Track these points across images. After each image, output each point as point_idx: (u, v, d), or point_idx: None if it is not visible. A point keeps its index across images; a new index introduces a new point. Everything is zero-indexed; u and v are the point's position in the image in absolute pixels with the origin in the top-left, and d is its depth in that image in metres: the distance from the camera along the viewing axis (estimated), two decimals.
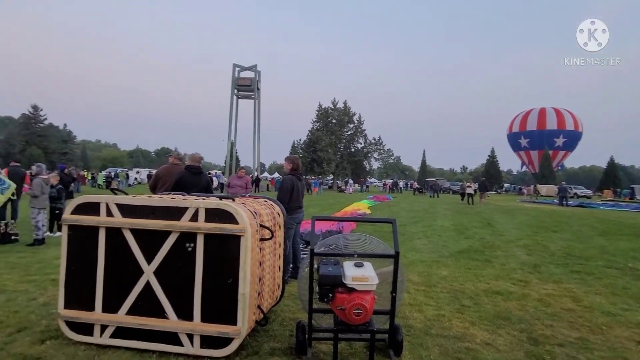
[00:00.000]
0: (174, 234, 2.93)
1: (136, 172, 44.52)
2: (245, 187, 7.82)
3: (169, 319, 2.91)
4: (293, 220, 5.01)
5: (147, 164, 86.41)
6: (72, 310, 3.06)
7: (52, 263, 5.54)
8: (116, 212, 3.02)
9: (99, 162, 76.45)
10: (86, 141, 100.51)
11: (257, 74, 42.66)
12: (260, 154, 43.76)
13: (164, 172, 5.65)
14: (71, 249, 3.10)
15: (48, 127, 65.38)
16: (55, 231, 7.97)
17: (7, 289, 4.35)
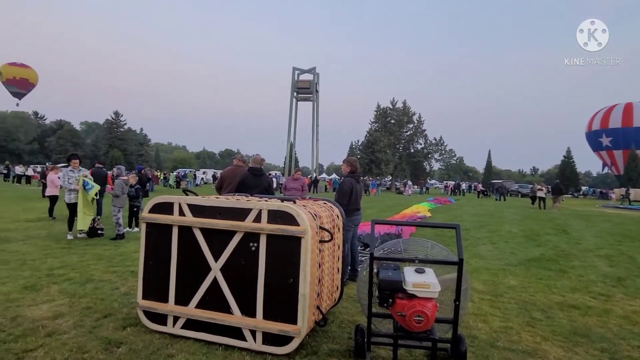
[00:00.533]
0: (239, 234, 3.07)
1: (202, 173, 47.26)
2: (301, 190, 7.69)
3: (233, 314, 3.06)
4: (351, 223, 5.01)
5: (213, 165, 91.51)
6: (149, 301, 3.34)
7: (132, 256, 6.08)
8: (187, 211, 3.24)
9: (170, 163, 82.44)
10: (159, 144, 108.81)
11: (316, 76, 43.26)
12: (318, 155, 44.35)
13: (229, 173, 5.97)
14: (148, 244, 3.38)
15: (127, 131, 71.74)
16: (134, 227, 8.72)
17: (95, 278, 4.85)
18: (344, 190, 5.02)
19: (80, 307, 3.81)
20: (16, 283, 4.48)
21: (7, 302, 3.86)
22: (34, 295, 4.13)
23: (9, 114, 70.15)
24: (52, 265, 5.38)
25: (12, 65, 33.30)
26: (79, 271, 5.12)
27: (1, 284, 4.42)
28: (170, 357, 2.87)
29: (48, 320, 3.45)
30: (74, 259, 5.77)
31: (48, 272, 5.02)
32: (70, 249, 6.48)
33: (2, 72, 32.54)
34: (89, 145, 70.10)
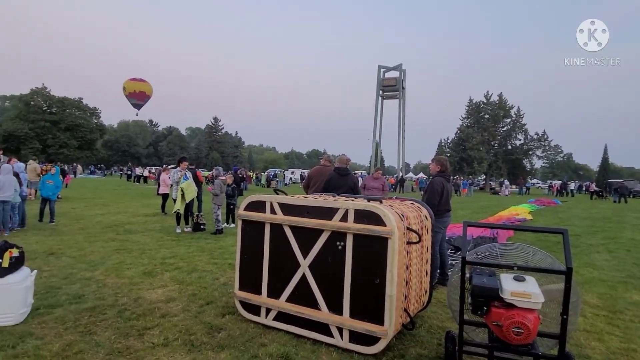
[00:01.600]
0: (326, 232, 3.15)
1: (291, 173, 49.35)
2: (382, 189, 7.38)
3: (321, 310, 3.15)
4: (441, 224, 4.80)
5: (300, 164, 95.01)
6: (244, 292, 3.60)
7: (229, 250, 6.61)
8: (278, 210, 3.42)
9: (261, 163, 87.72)
10: (252, 145, 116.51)
11: (402, 73, 42.26)
12: (405, 153, 43.25)
13: (315, 173, 6.15)
14: (244, 240, 3.65)
15: (224, 135, 78.06)
16: (231, 223, 9.47)
17: (199, 268, 5.38)
18: (433, 190, 4.82)
19: (187, 294, 4.26)
20: (137, 269, 5.18)
21: (131, 285, 4.49)
22: (151, 280, 4.73)
23: (130, 123, 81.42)
24: (164, 255, 6.10)
25: (133, 80, 38.44)
26: (186, 261, 5.72)
27: (127, 269, 5.16)
28: (264, 346, 3.06)
29: (162, 303, 3.93)
30: (182, 250, 6.48)
31: (162, 260, 5.70)
32: (178, 242, 7.28)
33: (126, 87, 37.76)
34: (192, 149, 77.86)
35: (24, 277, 3.47)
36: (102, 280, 4.64)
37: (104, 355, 2.82)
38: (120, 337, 3.13)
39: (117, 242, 7.00)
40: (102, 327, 3.31)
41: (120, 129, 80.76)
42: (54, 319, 3.45)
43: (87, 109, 55.77)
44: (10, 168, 7.68)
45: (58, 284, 4.43)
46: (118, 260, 5.61)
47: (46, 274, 4.72)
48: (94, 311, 3.65)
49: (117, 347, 2.95)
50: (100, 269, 5.11)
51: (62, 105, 52.29)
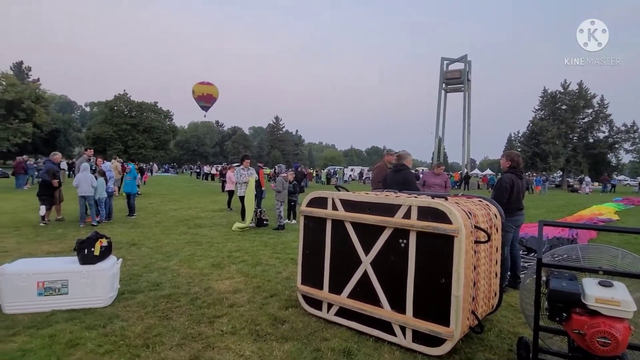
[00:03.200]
0: (388, 229, 3.10)
1: (350, 170, 49.27)
2: (444, 187, 6.91)
3: (383, 308, 3.11)
4: (512, 223, 4.50)
5: (360, 162, 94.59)
6: (306, 286, 3.67)
7: (291, 245, 6.77)
8: (339, 206, 3.43)
9: (321, 161, 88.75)
10: (312, 143, 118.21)
11: (468, 65, 40.23)
12: (470, 149, 41.15)
13: (375, 169, 6.11)
14: (306, 235, 3.72)
15: (285, 133, 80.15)
16: (292, 219, 9.70)
17: (263, 262, 5.59)
18: (503, 187, 4.53)
19: (252, 286, 4.45)
20: (207, 261, 5.51)
21: (202, 275, 4.79)
22: (219, 271, 5.00)
23: (199, 124, 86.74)
24: (231, 248, 6.42)
25: (201, 84, 40.85)
26: (250, 255, 5.97)
27: (197, 260, 5.51)
28: (326, 341, 3.09)
29: (229, 294, 4.14)
30: (246, 245, 6.77)
31: (228, 253, 6.01)
32: (244, 236, 7.61)
33: (195, 90, 40.25)
34: (255, 147, 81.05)
35: (112, 264, 3.85)
36: (177, 270, 5.00)
37: (179, 339, 3.04)
38: (193, 323, 3.35)
39: (189, 235, 7.50)
40: (177, 313, 3.57)
41: (190, 130, 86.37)
42: (136, 303, 3.78)
43: (162, 112, 60.29)
44: (87, 166, 8.51)
45: (139, 272, 4.85)
46: (190, 252, 6.00)
47: (129, 263, 5.18)
48: (170, 298, 3.95)
49: (190, 333, 3.16)
50: (174, 260, 5.51)
51: (140, 109, 57.10)
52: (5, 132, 41.18)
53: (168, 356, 2.77)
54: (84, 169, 8.38)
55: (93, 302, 3.62)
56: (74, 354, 2.75)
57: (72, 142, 60.68)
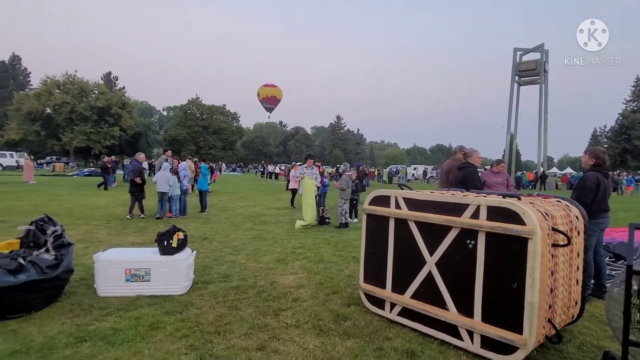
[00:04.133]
0: (455, 230, 2.99)
1: (413, 169, 48.00)
2: (506, 185, 6.31)
3: (449, 310, 3.01)
4: (596, 227, 4.09)
5: (423, 160, 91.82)
6: (369, 285, 3.66)
7: (353, 243, 6.79)
8: (403, 205, 3.37)
9: (383, 159, 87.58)
10: (373, 142, 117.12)
11: (544, 55, 37.08)
12: (547, 146, 37.96)
13: (443, 167, 5.91)
14: (368, 233, 3.71)
15: (347, 132, 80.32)
16: (354, 218, 9.71)
17: (325, 259, 5.67)
18: (587, 186, 4.13)
19: (315, 282, 4.54)
20: (272, 256, 5.72)
21: (267, 270, 4.99)
22: (284, 267, 5.17)
23: (264, 124, 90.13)
24: (294, 245, 6.60)
25: (266, 86, 42.38)
26: (313, 252, 6.09)
27: (263, 255, 5.75)
28: (388, 340, 3.07)
29: (293, 289, 4.26)
30: (309, 242, 6.91)
31: (292, 250, 6.18)
32: (306, 233, 7.78)
33: (260, 92, 41.88)
34: (317, 147, 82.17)
35: (187, 256, 4.16)
36: (244, 263, 5.26)
37: (247, 329, 3.20)
38: (259, 314, 3.51)
39: (255, 231, 7.84)
40: (245, 304, 3.76)
41: (255, 131, 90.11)
42: (208, 293, 4.05)
43: (230, 114, 63.65)
44: (167, 166, 9.27)
45: (210, 264, 5.18)
46: (256, 247, 6.28)
47: (201, 255, 5.55)
48: (238, 290, 4.17)
49: (257, 323, 3.32)
50: (242, 254, 5.80)
51: (210, 112, 60.80)
52: (97, 135, 46.17)
53: (237, 344, 2.93)
54: (164, 168, 9.14)
55: (171, 290, 3.94)
56: (155, 336, 3.02)
57: (152, 143, 66.33)
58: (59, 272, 3.61)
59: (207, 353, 2.77)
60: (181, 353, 2.76)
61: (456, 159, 5.74)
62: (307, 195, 8.76)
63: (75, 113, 44.99)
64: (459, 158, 5.75)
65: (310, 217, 8.59)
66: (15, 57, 58.78)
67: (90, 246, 5.89)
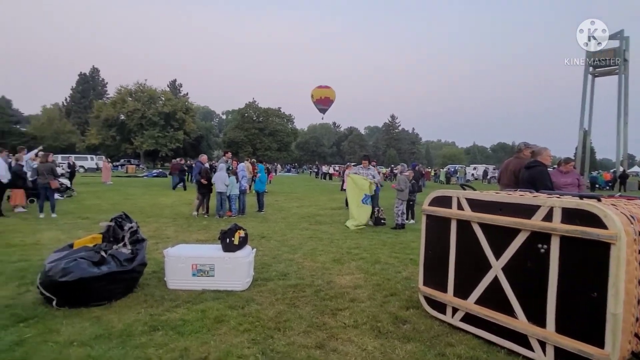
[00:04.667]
0: (524, 233, 2.80)
1: (473, 169, 45.86)
2: (577, 186, 5.89)
3: (517, 319, 2.83)
4: None
5: (484, 160, 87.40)
6: (429, 288, 3.55)
7: (410, 245, 6.63)
8: (466, 206, 3.23)
9: (439, 159, 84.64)
10: (429, 141, 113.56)
11: (624, 42, 33.55)
12: (627, 143, 34.32)
13: (503, 166, 5.57)
14: (428, 235, 3.60)
15: (401, 132, 78.75)
16: (410, 219, 9.48)
17: (381, 260, 5.60)
18: None
19: (372, 283, 4.50)
20: (328, 256, 5.76)
21: (324, 269, 5.03)
22: (340, 267, 5.18)
23: (317, 125, 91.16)
24: (350, 245, 6.59)
25: (320, 87, 42.84)
26: (369, 253, 6.04)
27: (319, 255, 5.81)
28: (451, 346, 2.95)
29: (350, 289, 4.26)
30: (365, 242, 6.87)
31: (348, 250, 6.18)
32: (361, 234, 7.74)
33: (314, 94, 42.43)
34: (371, 147, 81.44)
35: (248, 253, 4.32)
36: (301, 262, 5.35)
37: (306, 326, 3.25)
38: (317, 313, 3.55)
39: (310, 231, 7.95)
40: (303, 302, 3.82)
41: (309, 132, 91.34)
42: (267, 290, 4.17)
43: (285, 116, 65.14)
44: (224, 167, 9.71)
45: (269, 262, 5.33)
46: (312, 247, 6.36)
47: (260, 253, 5.73)
48: (296, 288, 4.25)
49: (315, 322, 3.35)
50: (299, 253, 5.90)
51: (266, 115, 62.67)
52: (164, 139, 49.53)
53: (297, 341, 2.99)
54: (220, 169, 9.59)
55: (233, 285, 4.11)
56: (220, 328, 3.17)
57: (212, 146, 69.82)
58: (135, 265, 3.92)
59: (269, 348, 2.86)
60: (244, 346, 2.87)
61: (521, 156, 5.39)
62: (352, 193, 8.77)
63: (145, 119, 48.63)
64: (525, 156, 5.39)
65: (362, 217, 8.56)
66: (95, 69, 64.87)
67: (160, 242, 6.32)
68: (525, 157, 5.25)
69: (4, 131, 47.47)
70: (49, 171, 8.99)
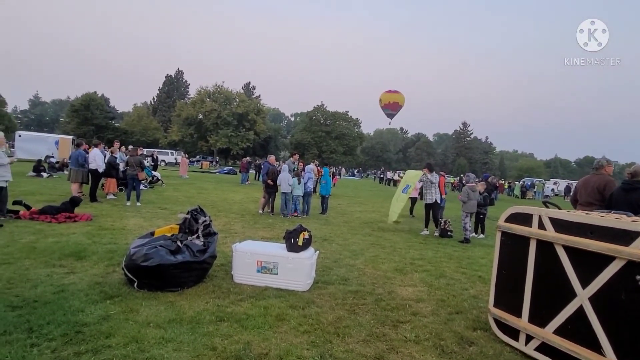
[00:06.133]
0: (619, 261, 2.49)
1: (553, 183, 42.11)
2: None
3: (605, 356, 2.52)
4: None
5: (567, 174, 79.84)
6: (500, 310, 3.31)
7: (479, 261, 6.26)
8: (549, 225, 2.96)
9: (514, 171, 78.85)
10: (504, 151, 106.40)
11: None
12: None
13: (581, 184, 5.03)
14: (502, 253, 3.36)
15: (473, 140, 74.83)
16: (479, 233, 8.94)
17: (447, 274, 5.34)
18: None
19: (435, 298, 4.30)
20: (390, 265, 5.63)
21: (385, 278, 4.92)
22: (402, 277, 5.04)
23: (384, 130, 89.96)
24: (413, 255, 6.39)
25: (388, 92, 42.21)
26: (433, 265, 5.80)
27: (381, 263, 5.70)
28: None
29: (412, 302, 4.12)
30: (429, 254, 6.61)
31: (411, 260, 5.99)
32: (426, 245, 7.47)
33: (382, 99, 41.92)
34: (439, 155, 78.52)
35: (311, 255, 4.37)
36: (362, 269, 5.30)
37: (365, 335, 3.20)
38: (377, 323, 3.48)
39: (373, 237, 7.84)
40: (363, 310, 3.77)
41: (375, 137, 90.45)
42: (327, 293, 4.18)
43: (351, 120, 65.24)
44: (286, 167, 9.97)
45: (330, 265, 5.35)
46: (374, 254, 6.27)
47: (322, 256, 5.78)
48: (356, 294, 4.21)
49: (375, 332, 3.29)
50: (360, 259, 5.85)
51: (333, 118, 63.27)
52: (236, 138, 52.25)
53: (355, 349, 2.95)
54: (283, 170, 9.86)
55: (295, 285, 4.18)
56: (281, 327, 3.24)
57: (280, 146, 72.09)
58: (206, 257, 4.17)
59: (327, 352, 2.85)
60: (303, 348, 2.90)
61: (602, 173, 4.85)
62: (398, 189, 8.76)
63: (220, 119, 51.72)
64: (607, 172, 4.86)
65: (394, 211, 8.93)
66: (180, 71, 70.44)
67: (228, 236, 6.66)
68: (607, 174, 4.77)
69: (102, 126, 53.33)
70: (138, 164, 9.93)
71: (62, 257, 4.73)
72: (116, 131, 53.91)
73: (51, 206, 7.31)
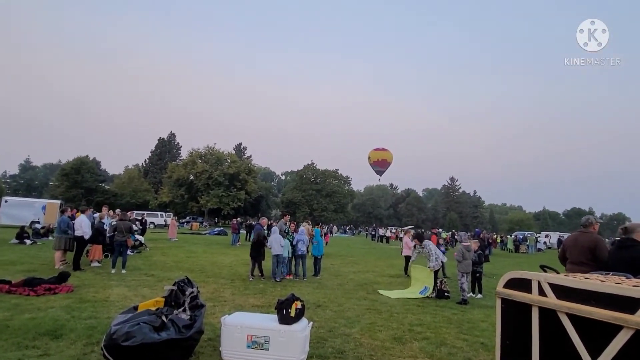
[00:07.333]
0: (627, 331, 2.38)
1: (545, 236, 42.15)
2: None
3: None
4: None
5: (556, 226, 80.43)
6: None
7: (479, 325, 6.00)
8: (549, 292, 2.86)
9: (505, 224, 79.21)
10: (493, 204, 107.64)
11: None
12: None
13: (570, 242, 4.96)
14: (505, 322, 3.20)
15: (462, 195, 75.88)
16: (477, 293, 8.70)
17: (447, 342, 5.08)
18: None
19: None
20: (388, 332, 5.36)
21: (383, 349, 4.65)
22: (401, 347, 4.77)
23: (374, 187, 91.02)
24: (411, 321, 6.11)
25: (377, 150, 43.44)
26: (433, 332, 5.53)
27: (378, 331, 5.42)
28: None
29: None
30: (428, 318, 6.34)
31: (409, 327, 5.72)
32: (424, 308, 7.19)
33: (371, 156, 43.02)
34: (430, 210, 79.00)
35: (304, 327, 4.14)
36: (358, 339, 5.01)
37: None
38: None
39: (368, 301, 7.55)
40: None
41: (365, 193, 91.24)
42: None
43: (342, 177, 66.23)
44: (276, 229, 9.85)
45: (324, 335, 5.06)
46: (370, 321, 5.98)
47: (315, 325, 5.47)
48: None
49: None
50: (356, 327, 5.56)
51: (324, 176, 64.18)
52: (227, 198, 52.22)
53: None
54: (274, 232, 9.73)
55: None
56: None
57: (271, 205, 72.04)
58: (192, 333, 3.91)
59: None
60: None
61: (590, 231, 4.84)
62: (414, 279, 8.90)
63: (211, 179, 52.05)
64: (594, 231, 4.86)
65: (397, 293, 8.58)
66: (172, 134, 72.00)
67: (217, 305, 6.34)
68: (594, 232, 4.77)
69: (92, 189, 53.14)
70: (128, 229, 9.70)
71: (37, 337, 4.40)
72: (105, 194, 53.69)
73: (35, 278, 6.98)
